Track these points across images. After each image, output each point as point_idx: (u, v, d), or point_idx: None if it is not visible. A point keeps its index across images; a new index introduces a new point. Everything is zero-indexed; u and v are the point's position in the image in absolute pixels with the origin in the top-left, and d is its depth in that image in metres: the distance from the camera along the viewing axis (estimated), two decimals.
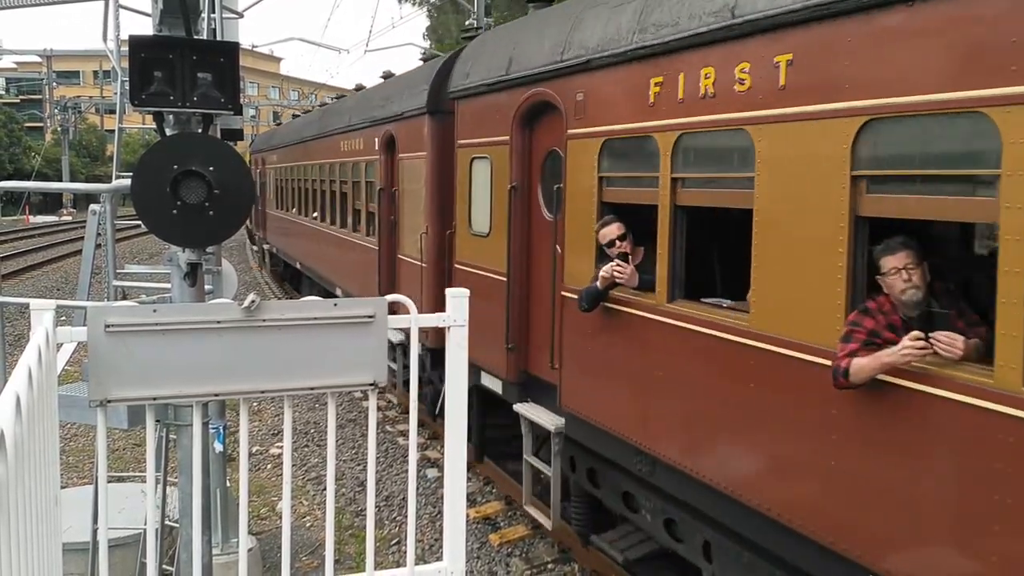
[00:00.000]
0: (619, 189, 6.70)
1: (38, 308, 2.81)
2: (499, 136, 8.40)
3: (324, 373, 3.11)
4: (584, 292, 6.70)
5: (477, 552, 8.68)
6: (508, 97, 8.25)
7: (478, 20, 25.92)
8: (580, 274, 7.03)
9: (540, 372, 8.02)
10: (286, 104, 74.58)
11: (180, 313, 3.06)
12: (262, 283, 27.92)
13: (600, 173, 6.74)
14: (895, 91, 4.26)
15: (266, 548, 8.64)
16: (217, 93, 4.55)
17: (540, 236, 8.01)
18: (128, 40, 4.53)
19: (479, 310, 8.07)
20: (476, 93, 9.01)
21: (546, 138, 7.83)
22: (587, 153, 6.86)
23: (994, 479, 3.79)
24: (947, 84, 4.01)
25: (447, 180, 10.05)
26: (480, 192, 8.97)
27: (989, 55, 3.83)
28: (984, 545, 3.89)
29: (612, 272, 6.39)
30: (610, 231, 6.56)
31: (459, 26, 37.46)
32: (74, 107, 62.22)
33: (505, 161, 8.26)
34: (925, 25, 4.16)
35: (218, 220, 4.44)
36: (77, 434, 12.40)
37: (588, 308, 6.67)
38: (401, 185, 11.91)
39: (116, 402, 2.91)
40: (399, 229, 12.09)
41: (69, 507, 7.21)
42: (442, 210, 10.32)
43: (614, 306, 6.61)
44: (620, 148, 6.64)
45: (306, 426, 12.99)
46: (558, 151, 7.44)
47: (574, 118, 7.06)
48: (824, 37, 4.69)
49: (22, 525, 1.77)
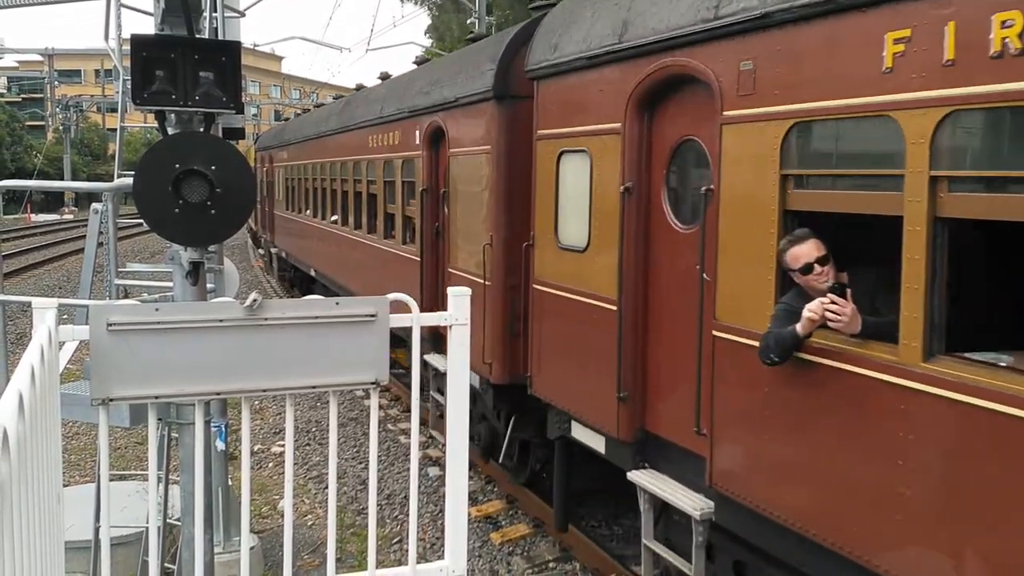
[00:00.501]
0: (821, 193, 4.81)
1: (40, 307, 2.82)
2: (604, 123, 6.64)
3: (326, 372, 3.12)
4: (773, 338, 4.77)
5: (479, 551, 8.69)
6: (620, 73, 6.42)
7: (479, 19, 25.96)
8: (744, 309, 5.20)
9: (669, 434, 6.24)
10: (287, 103, 74.67)
11: (182, 312, 3.07)
12: (264, 282, 27.93)
13: (785, 170, 4.84)
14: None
15: (268, 546, 8.65)
16: (219, 92, 4.55)
17: (666, 253, 6.20)
18: (130, 39, 4.53)
19: (570, 344, 7.33)
20: (569, 70, 7.15)
21: (677, 124, 6.10)
22: (759, 143, 5.03)
23: (899, 445, 4.19)
24: None
25: (519, 180, 8.31)
26: (573, 195, 7.18)
27: None
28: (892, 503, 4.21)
29: (824, 312, 4.54)
30: (805, 251, 4.73)
31: (460, 25, 37.46)
32: (76, 106, 62.34)
33: (613, 155, 6.47)
34: None
35: (220, 219, 4.45)
36: (79, 432, 12.42)
37: (780, 359, 4.78)
38: (452, 185, 9.91)
39: (118, 400, 2.91)
40: (448, 238, 10.12)
41: (71, 505, 7.20)
42: (512, 216, 8.51)
43: (814, 358, 4.67)
44: (824, 135, 4.84)
45: (308, 424, 13.00)
46: (697, 141, 5.84)
47: (736, 95, 5.23)
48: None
49: (24, 523, 1.78)
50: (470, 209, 9.39)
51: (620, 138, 6.40)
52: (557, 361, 7.53)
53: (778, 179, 4.86)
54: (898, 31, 4.19)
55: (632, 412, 6.49)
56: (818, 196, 4.80)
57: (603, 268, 6.70)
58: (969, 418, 3.89)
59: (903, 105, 4.15)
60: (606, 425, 6.70)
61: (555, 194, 7.45)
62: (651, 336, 6.43)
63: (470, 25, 27.66)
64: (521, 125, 8.25)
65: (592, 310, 6.85)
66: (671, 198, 6.22)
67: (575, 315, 7.08)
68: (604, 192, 6.68)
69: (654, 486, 6.19)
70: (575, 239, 7.18)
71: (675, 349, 6.08)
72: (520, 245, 8.18)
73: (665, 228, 6.23)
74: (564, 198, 7.38)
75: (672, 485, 6.13)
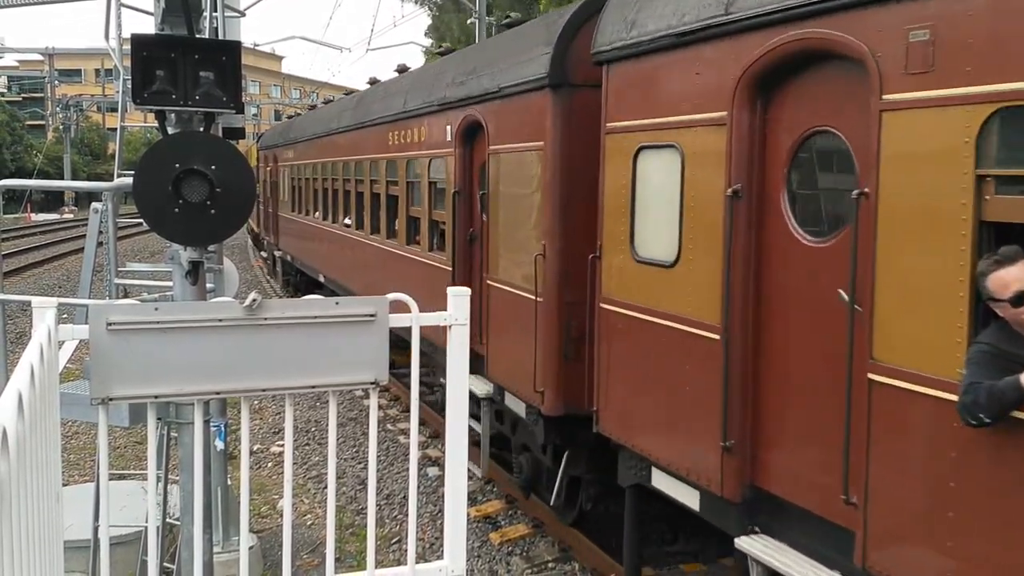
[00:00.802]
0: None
1: (40, 306, 2.82)
2: (701, 113, 5.58)
3: (325, 371, 3.12)
4: (984, 392, 3.71)
5: (478, 551, 8.69)
6: (726, 51, 5.36)
7: (479, 19, 25.97)
8: (918, 348, 4.16)
9: (795, 496, 5.11)
10: (287, 103, 74.69)
11: (181, 311, 3.07)
12: (263, 282, 27.93)
13: (982, 169, 3.85)
14: None
15: (267, 546, 8.65)
16: (219, 92, 4.56)
17: (789, 272, 5.12)
18: (130, 39, 4.54)
19: (651, 375, 6.18)
20: (652, 50, 6.07)
21: (803, 112, 5.01)
22: (941, 134, 4.05)
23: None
24: None
25: (578, 180, 7.31)
26: (656, 198, 6.14)
27: None
28: None
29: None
30: (1015, 275, 3.73)
31: (461, 25, 37.48)
32: (76, 105, 62.33)
33: (715, 151, 5.41)
34: None
35: (220, 218, 4.45)
36: (78, 432, 12.42)
37: (991, 419, 3.72)
38: (493, 187, 8.72)
39: (117, 400, 2.92)
40: (486, 246, 8.94)
41: (70, 505, 7.21)
42: (569, 223, 7.47)
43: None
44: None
45: (307, 424, 13.00)
46: (835, 133, 4.81)
47: (903, 73, 4.21)
48: None
49: (24, 522, 1.78)
50: (516, 214, 8.25)
51: (725, 130, 5.32)
52: (633, 395, 6.49)
53: (972, 181, 3.84)
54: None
55: (740, 465, 5.37)
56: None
57: (700, 287, 5.60)
58: None
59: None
60: (703, 477, 5.62)
61: (630, 197, 6.36)
62: (766, 373, 5.25)
63: (470, 25, 27.67)
64: (580, 117, 7.28)
65: (684, 338, 5.75)
66: (794, 204, 5.12)
67: (659, 342, 6.03)
68: (701, 195, 5.61)
69: (778, 561, 5.01)
70: (659, 251, 6.08)
71: (804, 392, 4.97)
72: (578, 255, 7.18)
73: (787, 241, 5.11)
74: (643, 202, 6.29)
75: (799, 560, 4.98)
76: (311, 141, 19.27)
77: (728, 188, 5.30)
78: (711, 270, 5.47)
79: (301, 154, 20.81)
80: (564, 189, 7.48)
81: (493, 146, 8.73)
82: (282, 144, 24.15)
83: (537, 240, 7.72)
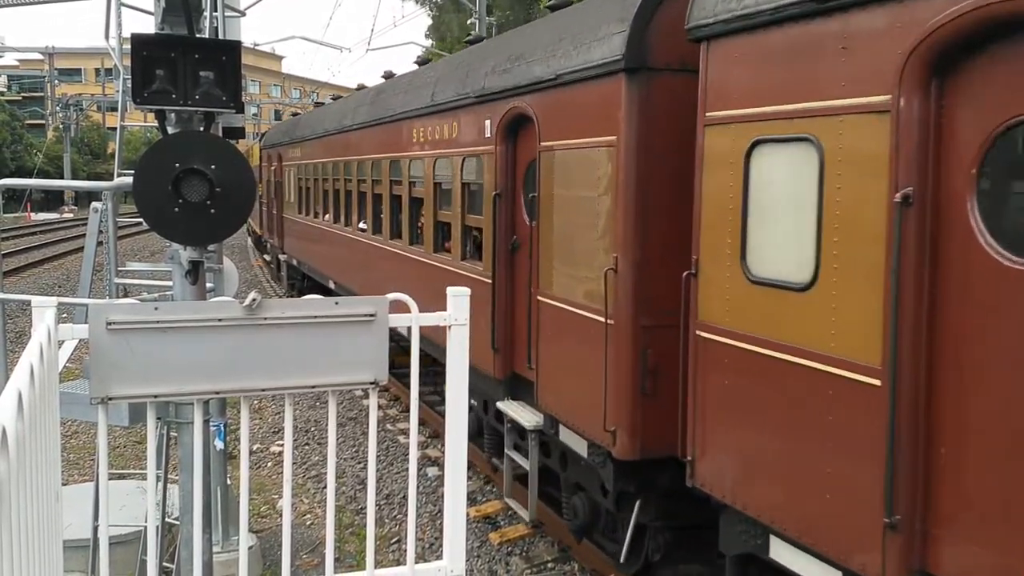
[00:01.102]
0: None
1: (39, 305, 2.82)
2: (851, 98, 4.53)
3: (325, 371, 3.12)
4: None
5: (477, 551, 8.69)
6: (888, 18, 4.34)
7: (479, 19, 25.98)
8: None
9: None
10: (288, 102, 74.71)
11: (181, 311, 3.07)
12: (263, 282, 27.93)
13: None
14: None
15: (266, 546, 8.65)
16: (219, 91, 4.56)
17: (982, 300, 4.04)
18: (130, 38, 4.54)
19: (772, 424, 5.03)
20: (776, 20, 4.99)
21: (1004, 97, 3.93)
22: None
23: None
24: None
25: (660, 181, 6.37)
26: (780, 204, 5.14)
27: None
28: None
29: None
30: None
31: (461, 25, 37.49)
32: (76, 105, 62.39)
33: (872, 145, 4.42)
34: None
35: (219, 218, 4.45)
36: (78, 431, 12.42)
37: None
38: (548, 189, 7.55)
39: (117, 399, 2.92)
40: (536, 256, 7.75)
41: (70, 504, 7.22)
42: (649, 232, 6.41)
43: None
44: None
45: (307, 424, 13.00)
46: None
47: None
48: None
49: (23, 521, 1.78)
50: (577, 220, 7.12)
51: (888, 119, 4.31)
52: (745, 446, 5.37)
53: None
54: None
55: (909, 547, 4.28)
56: None
57: (850, 317, 4.55)
58: None
59: None
60: (856, 560, 4.53)
61: (742, 201, 5.29)
62: (946, 430, 4.22)
63: (470, 25, 27.68)
64: (661, 107, 6.37)
65: (825, 381, 4.69)
66: (989, 214, 4.08)
67: (785, 383, 4.96)
68: (852, 200, 4.53)
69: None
70: (785, 270, 5.01)
71: (1000, 456, 3.96)
72: (657, 271, 6.25)
73: (979, 261, 4.05)
74: (759, 208, 5.22)
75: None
76: (321, 139, 18.08)
77: (898, 192, 4.23)
78: (866, 296, 4.41)
79: (310, 153, 19.59)
80: (641, 192, 6.38)
81: (546, 142, 7.60)
82: (288, 142, 22.83)
83: (606, 252, 6.58)
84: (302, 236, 20.72)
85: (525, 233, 8.18)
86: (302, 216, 20.37)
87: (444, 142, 10.25)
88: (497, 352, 8.60)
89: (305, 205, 20.00)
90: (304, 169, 20.29)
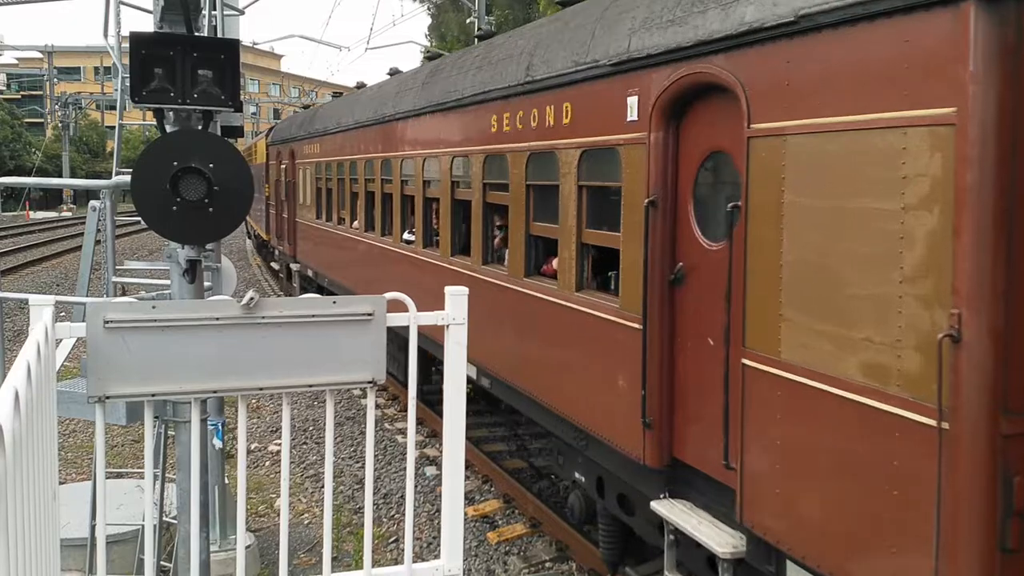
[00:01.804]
0: None
1: (37, 304, 2.82)
2: None
3: (323, 370, 3.12)
4: None
5: (475, 550, 8.69)
6: None
7: (479, 18, 25.99)
8: None
9: None
10: (286, 101, 74.70)
11: (179, 310, 3.07)
12: (261, 280, 27.91)
13: None
14: None
15: (264, 545, 8.65)
16: (217, 90, 4.56)
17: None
18: (129, 37, 4.54)
19: None
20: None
21: None
22: None
23: None
24: None
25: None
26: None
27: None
28: None
29: None
30: None
31: (460, 24, 37.51)
32: (75, 103, 62.40)
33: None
34: None
35: (217, 217, 4.45)
36: (76, 430, 12.41)
37: None
38: (771, 196, 5.02)
39: (115, 398, 2.92)
40: (742, 296, 5.27)
41: (67, 503, 7.24)
42: (1018, 277, 4.01)
43: None
44: None
45: (305, 423, 13.00)
46: None
47: None
48: None
49: (20, 520, 1.78)
50: (846, 247, 4.56)
51: None
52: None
53: None
54: None
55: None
56: None
57: None
58: None
59: None
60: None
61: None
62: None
63: (470, 25, 27.68)
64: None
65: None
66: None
67: None
68: None
69: None
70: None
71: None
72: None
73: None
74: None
75: None
76: (349, 132, 15.12)
77: None
78: None
79: (333, 148, 16.50)
80: (1007, 205, 3.91)
81: (763, 123, 5.10)
82: (303, 137, 19.62)
83: (924, 304, 4.11)
84: (320, 244, 18.05)
85: (700, 259, 5.84)
86: (321, 222, 17.65)
87: (549, 131, 7.60)
88: (650, 428, 6.09)
89: (326, 209, 17.31)
90: (323, 168, 17.36)
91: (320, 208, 17.67)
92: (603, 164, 6.88)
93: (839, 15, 4.53)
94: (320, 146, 17.71)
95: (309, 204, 18.92)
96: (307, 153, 19.23)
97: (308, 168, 19.16)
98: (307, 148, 19.23)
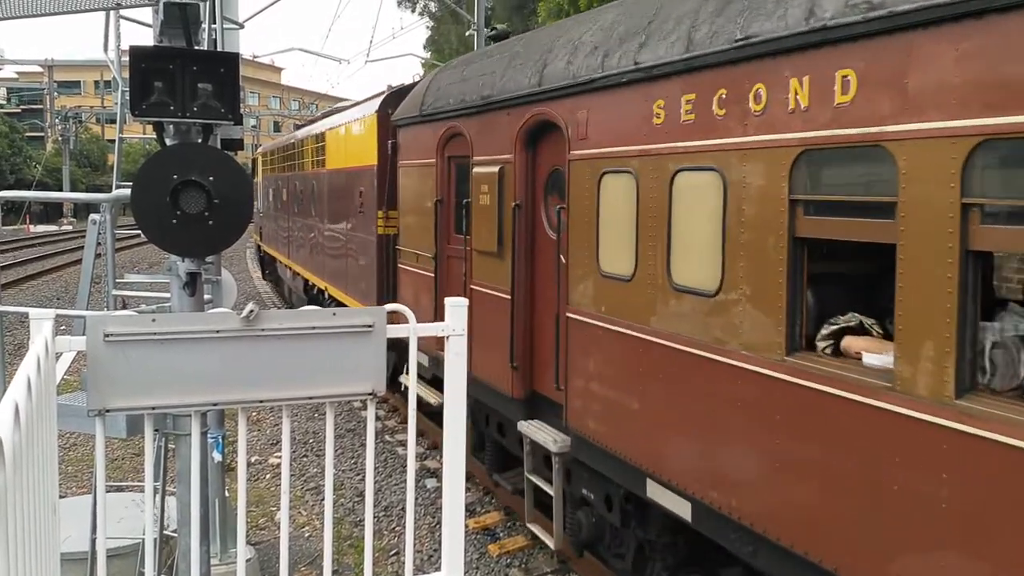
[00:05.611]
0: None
1: (37, 317, 2.82)
2: None
3: (323, 383, 3.11)
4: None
5: (476, 563, 8.66)
6: None
7: (478, 31, 26.04)
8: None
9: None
10: (287, 114, 74.86)
11: (179, 322, 3.07)
12: (261, 293, 27.91)
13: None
14: None
15: (265, 558, 8.62)
16: (217, 103, 4.57)
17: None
18: (129, 50, 4.55)
19: None
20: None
21: None
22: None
23: None
24: None
25: None
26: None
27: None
28: None
29: None
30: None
31: (459, 36, 37.58)
32: (75, 117, 62.52)
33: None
34: None
35: (217, 230, 4.45)
36: (76, 443, 12.39)
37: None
38: None
39: (115, 411, 2.91)
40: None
41: (67, 516, 7.21)
42: None
43: None
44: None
45: (305, 436, 12.97)
46: None
47: None
48: None
49: (20, 534, 1.78)
50: None
51: None
52: None
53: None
54: None
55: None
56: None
57: None
58: None
59: None
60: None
61: None
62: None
63: (468, 37, 27.75)
64: None
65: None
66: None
67: None
68: None
69: None
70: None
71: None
72: None
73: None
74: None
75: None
76: None
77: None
78: None
79: None
80: None
81: None
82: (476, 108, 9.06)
83: None
84: None
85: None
86: None
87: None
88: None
89: None
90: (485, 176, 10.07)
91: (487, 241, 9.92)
92: None
93: None
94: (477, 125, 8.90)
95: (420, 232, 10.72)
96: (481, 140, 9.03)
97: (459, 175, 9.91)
98: (473, 125, 9.06)
